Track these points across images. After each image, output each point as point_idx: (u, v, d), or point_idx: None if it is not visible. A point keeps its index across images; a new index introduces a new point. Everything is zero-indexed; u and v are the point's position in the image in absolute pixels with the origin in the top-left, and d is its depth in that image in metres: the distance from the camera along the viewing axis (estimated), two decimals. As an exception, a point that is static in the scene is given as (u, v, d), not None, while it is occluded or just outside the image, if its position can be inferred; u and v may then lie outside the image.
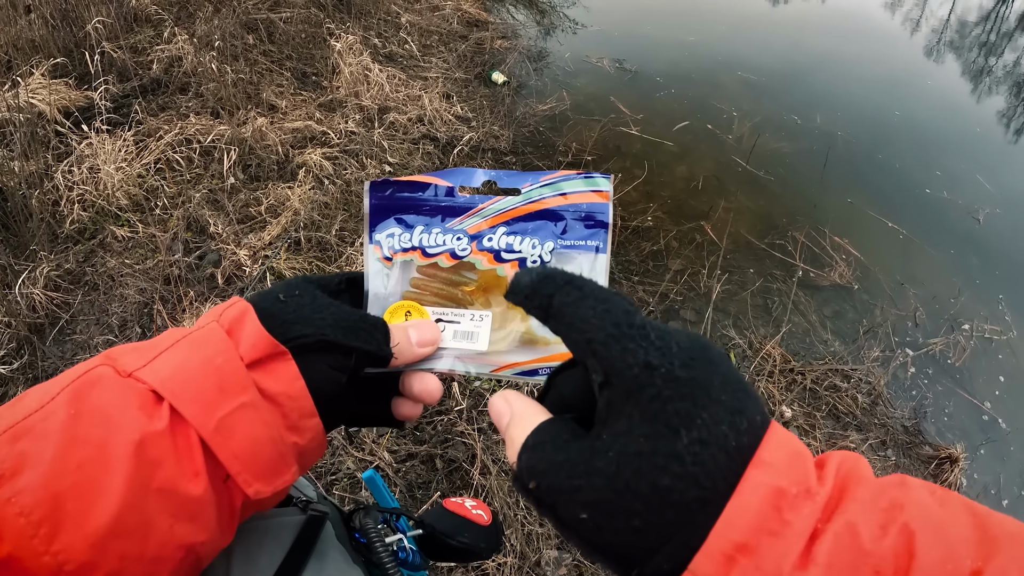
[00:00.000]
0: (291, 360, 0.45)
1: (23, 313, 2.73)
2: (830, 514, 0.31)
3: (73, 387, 0.40)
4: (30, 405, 0.39)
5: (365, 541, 0.69)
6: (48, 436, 0.37)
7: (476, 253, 0.53)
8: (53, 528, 0.36)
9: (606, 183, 0.52)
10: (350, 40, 4.78)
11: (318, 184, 3.61)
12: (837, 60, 6.36)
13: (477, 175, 0.54)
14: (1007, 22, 7.96)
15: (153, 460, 0.39)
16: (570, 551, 2.22)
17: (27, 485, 0.36)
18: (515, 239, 0.53)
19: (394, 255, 0.54)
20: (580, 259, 0.53)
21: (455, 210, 0.54)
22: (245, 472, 0.43)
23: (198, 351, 0.43)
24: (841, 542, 0.29)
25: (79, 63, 3.99)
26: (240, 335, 0.45)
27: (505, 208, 0.54)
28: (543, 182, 0.53)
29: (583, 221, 0.53)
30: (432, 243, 0.54)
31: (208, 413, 0.41)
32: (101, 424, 0.39)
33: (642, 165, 4.40)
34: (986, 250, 4.01)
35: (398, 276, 0.55)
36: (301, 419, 0.46)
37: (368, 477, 0.87)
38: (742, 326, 3.30)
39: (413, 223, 0.54)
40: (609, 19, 6.69)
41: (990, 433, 3.01)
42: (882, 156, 4.80)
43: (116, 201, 3.27)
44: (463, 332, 0.54)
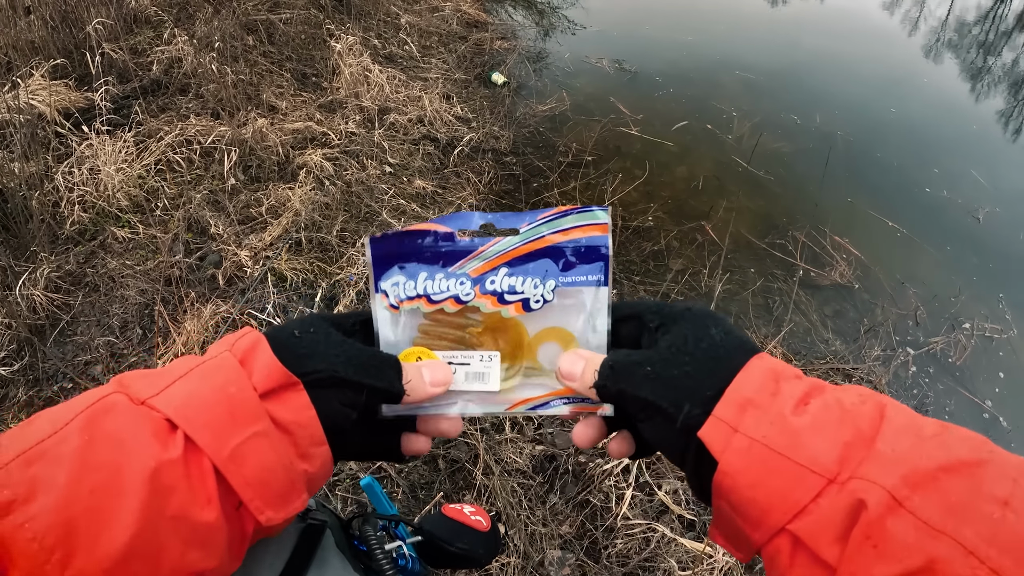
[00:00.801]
0: (302, 390, 0.47)
1: (24, 314, 2.72)
2: (817, 392, 0.43)
3: (87, 414, 0.40)
4: (43, 429, 0.39)
5: (365, 548, 0.69)
6: (62, 462, 0.38)
7: (480, 297, 0.54)
8: (66, 554, 0.36)
9: (604, 215, 0.55)
10: (350, 41, 4.78)
11: (319, 185, 3.60)
12: (836, 59, 6.37)
13: (475, 218, 0.54)
14: (1005, 21, 7.97)
15: (167, 487, 0.40)
16: (573, 551, 2.22)
17: (40, 510, 0.36)
18: (517, 280, 0.54)
19: (400, 303, 0.55)
20: (583, 294, 0.54)
21: (456, 254, 0.55)
22: (257, 499, 0.44)
23: (211, 380, 0.44)
24: (828, 402, 0.42)
25: (79, 64, 3.99)
26: (253, 365, 0.46)
27: (505, 249, 0.54)
28: (540, 220, 0.54)
29: (583, 256, 0.54)
30: (436, 289, 0.55)
31: (221, 441, 0.42)
32: (115, 451, 0.39)
33: (642, 165, 4.40)
34: (986, 249, 4.01)
35: (406, 323, 0.56)
36: (311, 447, 0.47)
37: (366, 484, 0.87)
38: (743, 326, 3.30)
39: (416, 271, 0.55)
40: (608, 19, 6.70)
41: (991, 431, 3.00)
42: (882, 155, 4.80)
43: (116, 202, 3.27)
44: (474, 373, 0.55)
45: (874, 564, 0.36)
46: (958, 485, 0.36)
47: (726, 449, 0.42)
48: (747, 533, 0.43)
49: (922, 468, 0.37)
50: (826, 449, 0.39)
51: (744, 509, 0.42)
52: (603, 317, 0.54)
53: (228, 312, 2.81)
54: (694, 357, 0.46)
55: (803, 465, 0.39)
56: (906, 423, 0.40)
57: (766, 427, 0.41)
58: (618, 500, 2.33)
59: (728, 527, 0.45)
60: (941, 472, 0.36)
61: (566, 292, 0.54)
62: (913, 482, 0.36)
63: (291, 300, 2.96)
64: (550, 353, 0.55)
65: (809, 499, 0.39)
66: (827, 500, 0.39)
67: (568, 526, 2.30)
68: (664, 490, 2.37)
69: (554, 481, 2.41)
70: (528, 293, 0.54)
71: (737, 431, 0.42)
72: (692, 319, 0.49)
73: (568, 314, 0.55)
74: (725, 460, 0.42)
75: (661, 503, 2.34)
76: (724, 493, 0.43)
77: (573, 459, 2.47)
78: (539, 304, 0.54)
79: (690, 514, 2.30)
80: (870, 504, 0.36)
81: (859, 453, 0.39)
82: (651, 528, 2.25)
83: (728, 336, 0.47)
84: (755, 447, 0.41)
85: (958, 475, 0.36)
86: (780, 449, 0.40)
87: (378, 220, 3.49)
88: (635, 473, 2.41)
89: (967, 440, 0.38)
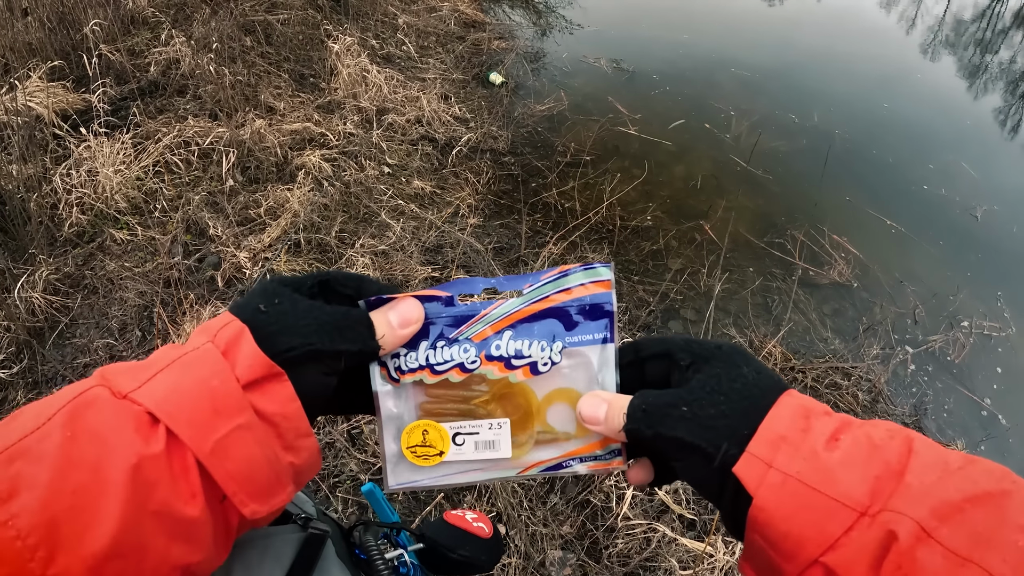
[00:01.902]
0: (287, 380, 0.46)
1: (22, 317, 2.72)
2: (847, 427, 0.44)
3: (68, 408, 0.40)
4: (25, 426, 0.39)
5: (366, 558, 0.69)
6: (43, 459, 0.37)
7: (486, 363, 0.53)
8: (50, 551, 0.36)
9: (607, 272, 0.53)
10: (348, 42, 4.78)
11: (317, 186, 3.60)
12: (834, 58, 6.37)
13: (478, 284, 0.53)
14: (1002, 20, 7.98)
15: (149, 482, 0.39)
16: (574, 551, 2.23)
17: (23, 508, 0.36)
18: (523, 343, 0.53)
19: (402, 376, 0.53)
20: (588, 353, 0.54)
21: (457, 320, 0.53)
22: (241, 493, 0.43)
23: (193, 372, 0.43)
24: (857, 437, 0.43)
25: (76, 66, 3.98)
26: (236, 356, 0.45)
27: (509, 311, 0.53)
28: (544, 280, 0.53)
29: (588, 314, 0.53)
30: (439, 359, 0.53)
31: (204, 435, 0.41)
32: (97, 446, 0.39)
33: (641, 165, 4.40)
34: (984, 247, 4.02)
35: (409, 396, 0.54)
36: (297, 439, 0.47)
37: (368, 490, 0.87)
38: (742, 325, 3.30)
39: (416, 341, 0.53)
40: (605, 19, 6.70)
41: (990, 429, 3.01)
42: (880, 153, 4.81)
43: (115, 204, 3.27)
44: (484, 442, 0.54)
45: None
46: (984, 516, 0.37)
47: (761, 485, 0.43)
48: (780, 566, 0.44)
49: (949, 500, 0.38)
50: (857, 483, 0.41)
51: (778, 542, 0.43)
52: (610, 373, 0.54)
53: (227, 314, 2.81)
54: (728, 397, 0.47)
55: (835, 499, 0.41)
56: (933, 458, 0.41)
57: (799, 463, 0.42)
58: (619, 500, 2.33)
59: (760, 560, 0.46)
60: (967, 503, 0.38)
61: (573, 353, 0.54)
62: (941, 514, 0.38)
63: (290, 301, 2.95)
64: (560, 414, 0.55)
65: (842, 532, 0.40)
66: (859, 533, 0.40)
67: (569, 526, 2.30)
68: (665, 490, 2.37)
69: (554, 481, 2.42)
70: (535, 356, 0.53)
71: (771, 467, 0.43)
72: (724, 358, 0.49)
73: (576, 373, 0.54)
74: (760, 495, 0.43)
75: (662, 503, 2.34)
76: (759, 528, 0.44)
77: (573, 459, 2.47)
78: (547, 367, 0.53)
79: (691, 513, 2.31)
80: (901, 535, 0.38)
81: (889, 486, 0.40)
82: (652, 528, 2.25)
83: (760, 375, 0.48)
84: (789, 482, 0.42)
85: (983, 506, 0.37)
86: (813, 484, 0.41)
87: (377, 221, 3.49)
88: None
89: (991, 472, 0.40)
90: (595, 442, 0.54)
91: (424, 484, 0.55)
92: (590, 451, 0.54)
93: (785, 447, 0.43)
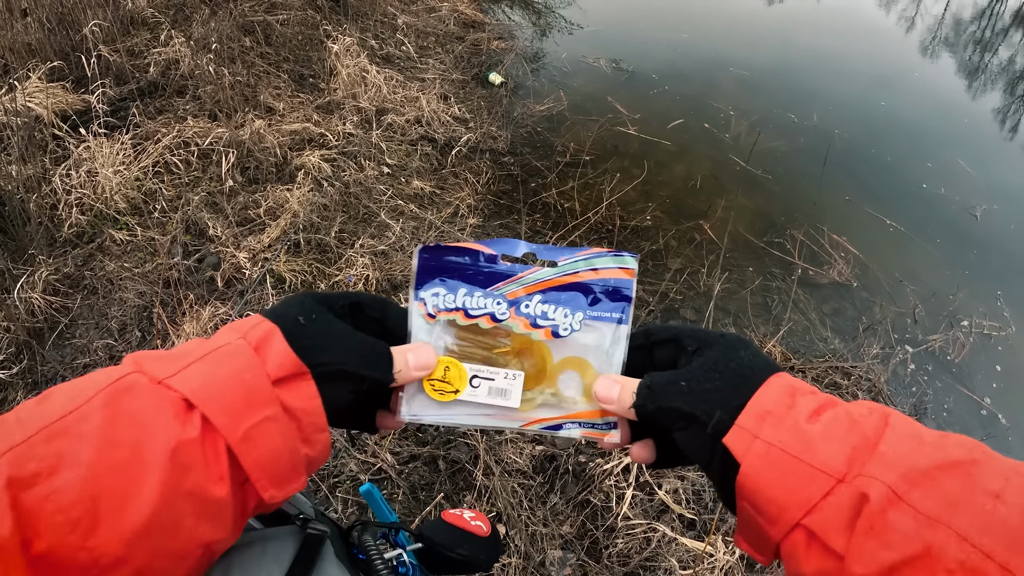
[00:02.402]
0: (311, 379, 0.50)
1: (22, 318, 2.72)
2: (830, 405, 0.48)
3: (108, 391, 0.43)
4: (64, 405, 0.41)
5: (364, 558, 0.69)
6: (85, 438, 0.40)
7: (514, 318, 0.59)
8: (90, 525, 0.38)
9: (632, 261, 0.59)
10: (347, 42, 4.78)
11: (317, 186, 3.60)
12: (833, 58, 6.38)
13: (520, 246, 0.59)
14: (1002, 19, 7.98)
15: (186, 465, 0.42)
16: (574, 551, 2.23)
17: (65, 484, 0.38)
18: (549, 308, 0.59)
19: (438, 313, 0.59)
20: (604, 329, 0.59)
21: (496, 276, 0.59)
22: (264, 479, 0.47)
23: (228, 365, 0.47)
24: (838, 413, 0.47)
25: (76, 66, 3.98)
26: (267, 353, 0.49)
27: (542, 278, 0.60)
28: (578, 257, 0.59)
29: (610, 295, 0.60)
30: (474, 305, 0.59)
31: (236, 423, 0.45)
32: (136, 428, 0.42)
33: (640, 164, 4.40)
34: (984, 246, 4.02)
35: (440, 333, 0.59)
36: (314, 433, 0.51)
37: (366, 491, 0.87)
38: (742, 324, 3.30)
39: (456, 286, 0.59)
40: (605, 19, 6.70)
41: (990, 428, 3.01)
42: (879, 153, 4.81)
43: (114, 204, 3.27)
44: (497, 389, 0.59)
45: (877, 551, 0.40)
46: (953, 481, 0.40)
47: (747, 453, 0.47)
48: (767, 531, 0.47)
49: (920, 466, 0.41)
50: (835, 453, 0.44)
51: (763, 507, 0.47)
52: (620, 351, 0.59)
53: (227, 314, 2.81)
54: (723, 375, 0.51)
55: (815, 467, 0.44)
56: (908, 431, 0.45)
57: (783, 434, 0.47)
58: (618, 500, 2.33)
59: (750, 529, 0.50)
60: (937, 470, 0.41)
61: (591, 325, 0.59)
62: (912, 479, 0.41)
63: (290, 302, 2.95)
64: (569, 381, 0.60)
65: (820, 496, 0.44)
66: (835, 497, 0.43)
67: (569, 526, 2.30)
68: (664, 489, 2.37)
69: (554, 481, 2.42)
70: (559, 321, 0.59)
71: (757, 437, 0.47)
72: (725, 343, 0.54)
73: (590, 345, 0.60)
74: (747, 463, 0.47)
75: (661, 503, 2.34)
76: (746, 494, 0.48)
77: (573, 459, 2.47)
78: (567, 332, 0.59)
79: (691, 513, 2.31)
80: (872, 497, 0.41)
81: (864, 456, 0.44)
82: (652, 527, 2.25)
83: (755, 358, 0.53)
84: (772, 451, 0.46)
85: (953, 473, 0.41)
86: (795, 452, 0.45)
87: (376, 221, 3.49)
88: (635, 473, 2.41)
89: (962, 444, 0.43)
90: (595, 411, 0.59)
91: (435, 419, 0.59)
92: (588, 418, 0.59)
93: (771, 420, 0.48)
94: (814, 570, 0.44)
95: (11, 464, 0.38)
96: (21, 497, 0.37)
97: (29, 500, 0.37)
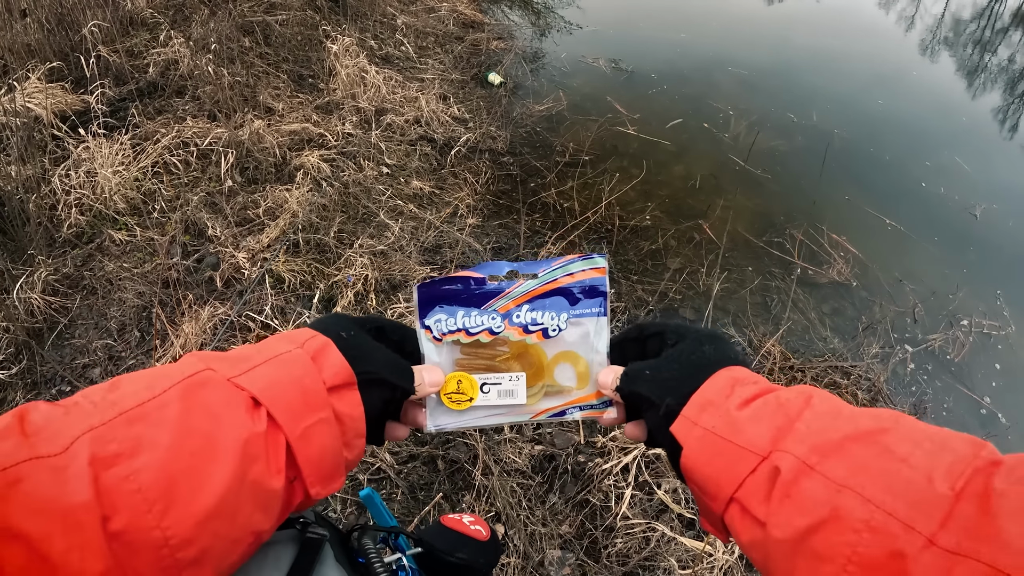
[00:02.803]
0: (356, 389, 0.56)
1: (21, 318, 2.72)
2: (765, 392, 0.53)
3: (184, 384, 0.47)
4: (140, 394, 0.45)
5: (364, 562, 0.69)
6: (164, 424, 0.43)
7: (509, 328, 0.68)
8: (166, 506, 0.41)
9: (602, 261, 0.68)
10: (346, 42, 4.78)
11: (316, 186, 3.60)
12: (833, 57, 6.38)
13: (503, 267, 0.68)
14: (1001, 19, 7.98)
15: (253, 456, 0.46)
16: (573, 551, 2.22)
17: (145, 465, 0.41)
18: (537, 314, 0.68)
19: (443, 336, 0.68)
20: (587, 323, 0.69)
21: (487, 295, 0.68)
22: (313, 475, 0.52)
23: (289, 370, 0.52)
24: (768, 399, 0.52)
25: (75, 67, 3.98)
26: (324, 362, 0.55)
27: (527, 290, 0.68)
28: (554, 266, 0.68)
29: (587, 293, 0.68)
30: (472, 324, 0.68)
31: (296, 422, 0.50)
32: (211, 419, 0.46)
33: (640, 164, 4.40)
34: (983, 245, 4.02)
35: (448, 352, 0.68)
36: (355, 438, 0.57)
37: (365, 495, 0.87)
38: (741, 324, 3.30)
39: (454, 310, 0.68)
40: (604, 19, 6.70)
41: (989, 427, 3.01)
42: (879, 153, 4.81)
43: (114, 205, 3.27)
44: (505, 391, 0.68)
45: (792, 516, 0.44)
46: (862, 450, 0.44)
47: (688, 438, 0.54)
48: (711, 507, 0.53)
49: (831, 439, 0.46)
50: (761, 434, 0.50)
51: (704, 486, 0.53)
52: (603, 339, 0.69)
53: (226, 314, 2.81)
54: (682, 365, 0.58)
55: (743, 447, 0.50)
56: (827, 408, 0.50)
57: (716, 420, 0.53)
58: (617, 499, 2.33)
59: (701, 507, 0.56)
60: (848, 440, 0.45)
61: (575, 322, 0.68)
62: (823, 450, 0.45)
63: (289, 302, 2.96)
64: (564, 372, 0.69)
65: (748, 472, 0.49)
66: (758, 472, 0.49)
67: (568, 526, 2.30)
68: (664, 489, 2.37)
69: (553, 481, 2.41)
70: (547, 324, 0.68)
71: (696, 424, 0.54)
72: (695, 338, 0.61)
73: (578, 339, 0.69)
74: (688, 446, 0.54)
75: (661, 502, 2.34)
76: (689, 475, 0.54)
77: (572, 459, 2.47)
78: (555, 332, 0.68)
79: (690, 512, 2.30)
80: (783, 469, 0.46)
81: (784, 433, 0.49)
82: (651, 527, 2.25)
83: (716, 352, 0.59)
84: (707, 435, 0.52)
85: (863, 442, 0.45)
86: (725, 435, 0.51)
87: (375, 221, 3.49)
88: (634, 472, 2.41)
89: (876, 415, 0.47)
90: (591, 394, 0.68)
91: (457, 426, 0.68)
92: (587, 401, 0.69)
93: (710, 409, 0.54)
94: (748, 539, 0.49)
95: (94, 442, 0.40)
96: (102, 476, 0.39)
97: (110, 479, 0.40)
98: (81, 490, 0.38)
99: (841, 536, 0.41)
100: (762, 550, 0.48)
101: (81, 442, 0.40)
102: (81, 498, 0.38)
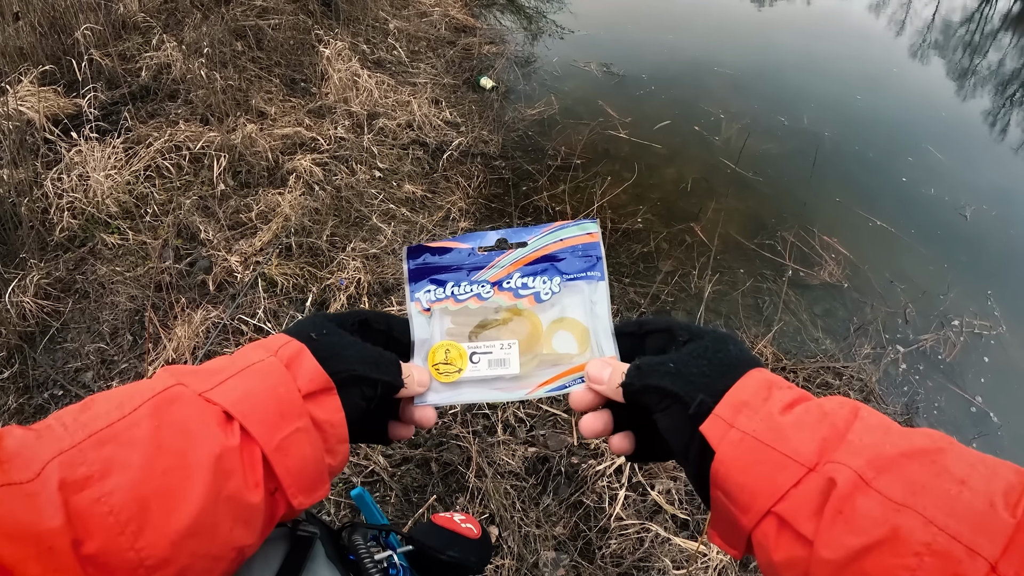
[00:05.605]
0: (335, 393, 0.54)
1: (13, 322, 2.71)
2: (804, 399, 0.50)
3: (154, 401, 0.45)
4: (111, 413, 0.44)
5: (355, 559, 0.69)
6: (134, 444, 0.43)
7: (498, 294, 0.65)
8: (139, 527, 0.40)
9: (594, 226, 0.66)
10: (338, 46, 4.78)
11: (308, 190, 3.60)
12: (823, 60, 6.41)
13: (490, 236, 0.66)
14: (991, 22, 8.05)
15: (227, 471, 0.45)
16: (567, 552, 2.23)
17: (116, 487, 0.40)
18: (529, 279, 0.65)
19: (432, 306, 0.66)
20: (583, 286, 0.65)
21: (476, 266, 0.66)
22: (294, 486, 0.50)
23: (263, 380, 0.51)
24: (810, 406, 0.48)
25: (67, 70, 3.97)
26: (298, 370, 0.53)
27: (517, 258, 0.66)
28: (544, 232, 0.66)
29: (580, 257, 0.65)
30: (461, 292, 0.66)
31: (271, 434, 0.49)
32: (183, 436, 0.44)
33: (631, 167, 4.42)
34: (974, 246, 4.05)
35: (437, 321, 0.66)
36: (337, 444, 0.55)
37: (356, 495, 0.87)
38: (733, 326, 3.31)
39: (444, 281, 0.66)
40: (595, 23, 6.72)
41: (981, 427, 3.03)
42: (869, 155, 4.84)
43: (106, 208, 3.26)
44: (496, 360, 0.64)
45: (845, 535, 0.41)
46: (919, 468, 0.42)
47: (722, 441, 0.48)
48: (739, 520, 0.48)
49: (887, 454, 0.43)
50: (806, 442, 0.46)
51: (735, 495, 0.48)
52: (603, 305, 0.64)
53: (219, 318, 2.81)
54: (710, 362, 0.53)
55: (787, 455, 0.46)
56: (876, 422, 0.46)
57: (756, 423, 0.48)
58: (611, 501, 2.34)
59: (723, 519, 0.51)
60: (904, 457, 0.42)
61: (570, 287, 0.65)
62: (879, 465, 0.42)
63: (282, 305, 2.96)
64: (562, 340, 0.64)
65: (791, 484, 0.45)
66: (806, 484, 0.45)
67: (562, 527, 2.30)
68: (657, 490, 2.37)
69: (547, 483, 2.42)
70: (539, 288, 0.65)
71: (732, 427, 0.49)
72: (715, 336, 0.56)
73: (574, 305, 0.65)
74: (721, 450, 0.48)
75: (654, 503, 2.35)
76: (720, 482, 0.49)
77: (566, 461, 2.47)
78: (548, 296, 0.64)
79: (683, 513, 2.31)
80: (839, 482, 0.42)
81: (834, 445, 0.45)
82: (645, 528, 2.26)
83: (741, 352, 0.55)
84: (746, 439, 0.47)
85: (919, 460, 0.42)
86: (767, 441, 0.47)
87: (368, 224, 3.49)
88: (628, 473, 2.41)
89: (929, 435, 0.44)
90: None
91: (445, 400, 0.64)
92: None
93: (746, 411, 0.49)
94: (784, 558, 0.45)
95: (63, 467, 0.40)
96: (73, 499, 0.39)
97: (81, 502, 0.39)
98: (52, 515, 0.38)
99: (899, 559, 0.39)
100: (800, 570, 0.44)
101: (51, 467, 0.39)
102: (53, 524, 0.38)
